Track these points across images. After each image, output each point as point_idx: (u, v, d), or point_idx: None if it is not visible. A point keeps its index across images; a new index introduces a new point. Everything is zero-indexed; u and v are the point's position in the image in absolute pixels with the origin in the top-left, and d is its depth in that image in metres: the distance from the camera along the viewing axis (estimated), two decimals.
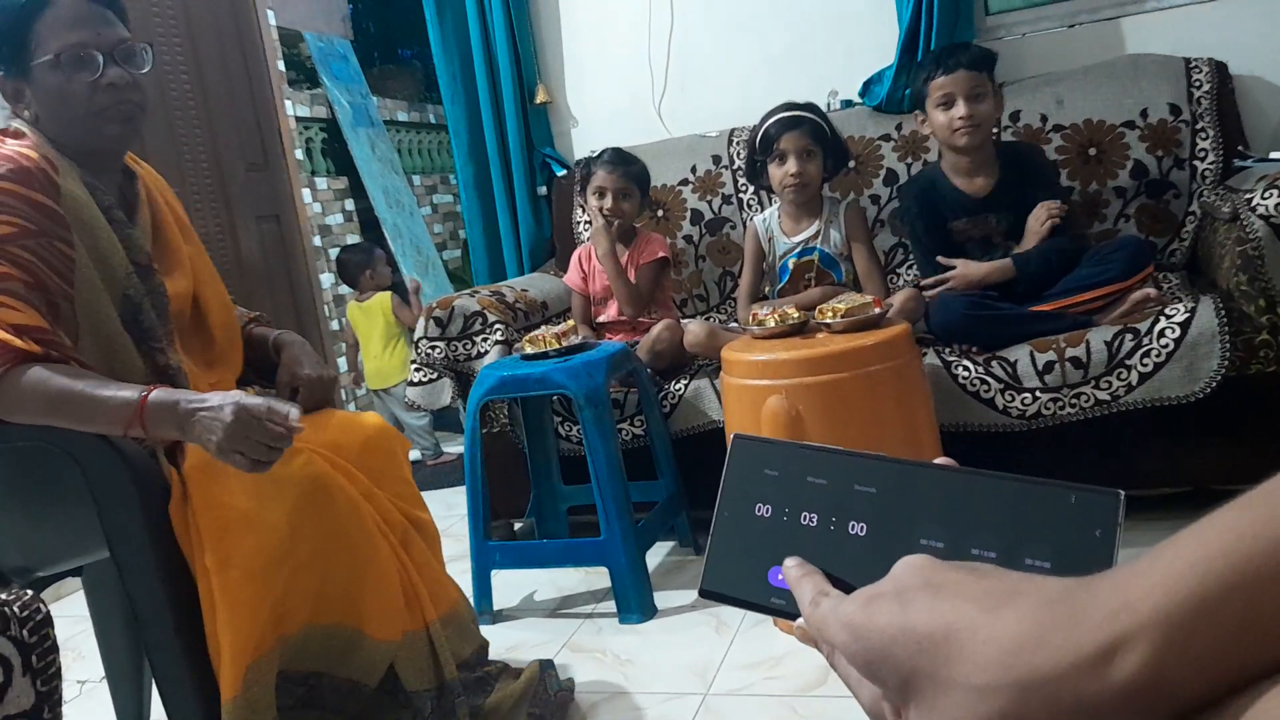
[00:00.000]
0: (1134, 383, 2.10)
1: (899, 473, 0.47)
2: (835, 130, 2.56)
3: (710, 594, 0.49)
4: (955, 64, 2.37)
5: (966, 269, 2.35)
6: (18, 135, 1.54)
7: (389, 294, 3.75)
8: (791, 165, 2.47)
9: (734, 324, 2.53)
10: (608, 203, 2.67)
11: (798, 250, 2.58)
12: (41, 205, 1.45)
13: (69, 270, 1.48)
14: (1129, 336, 2.11)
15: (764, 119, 2.55)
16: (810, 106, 2.55)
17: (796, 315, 2.09)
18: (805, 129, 2.48)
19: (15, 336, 1.38)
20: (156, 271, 1.62)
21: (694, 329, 2.44)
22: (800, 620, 0.45)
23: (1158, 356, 2.09)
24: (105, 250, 1.53)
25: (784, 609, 0.46)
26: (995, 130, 2.61)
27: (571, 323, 2.39)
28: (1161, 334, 2.09)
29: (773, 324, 2.08)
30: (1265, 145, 2.64)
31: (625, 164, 2.71)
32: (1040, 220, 2.32)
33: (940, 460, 0.48)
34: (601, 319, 2.77)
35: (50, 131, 1.56)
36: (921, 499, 0.46)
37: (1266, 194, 2.00)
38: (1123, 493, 0.42)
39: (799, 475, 0.49)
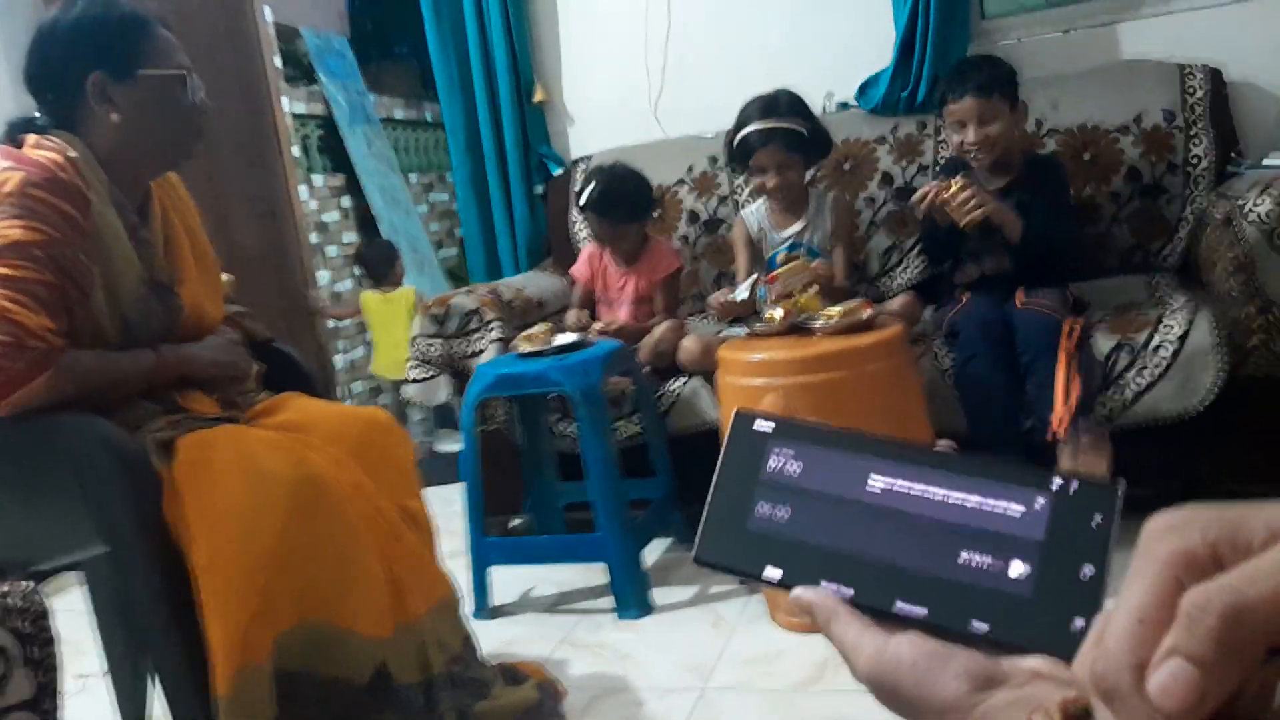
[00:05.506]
0: (1129, 400, 2.11)
1: (899, 452, 0.48)
2: (814, 123, 2.52)
3: (704, 563, 0.50)
4: (963, 91, 2.34)
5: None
6: (51, 144, 1.53)
7: (414, 289, 3.78)
8: (770, 180, 2.47)
9: (729, 331, 2.54)
10: (608, 249, 2.69)
11: (787, 244, 2.59)
12: (70, 217, 1.47)
13: (88, 284, 1.49)
14: (1125, 352, 2.12)
15: (739, 122, 2.52)
16: (785, 105, 2.49)
17: (783, 310, 2.10)
18: (779, 143, 2.44)
19: (47, 335, 1.42)
20: (176, 294, 1.65)
21: (689, 347, 2.43)
22: (796, 592, 0.46)
23: (1151, 375, 2.10)
24: (119, 273, 1.55)
25: (777, 580, 0.47)
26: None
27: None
28: (1157, 349, 2.10)
29: (775, 324, 2.10)
30: (1259, 151, 2.66)
31: (611, 209, 2.64)
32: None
33: (942, 443, 0.49)
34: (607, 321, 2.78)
35: (115, 139, 1.58)
36: (921, 477, 0.47)
37: (1259, 199, 2.02)
38: (1122, 483, 0.43)
39: (798, 450, 0.50)
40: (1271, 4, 2.71)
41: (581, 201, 2.66)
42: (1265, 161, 2.47)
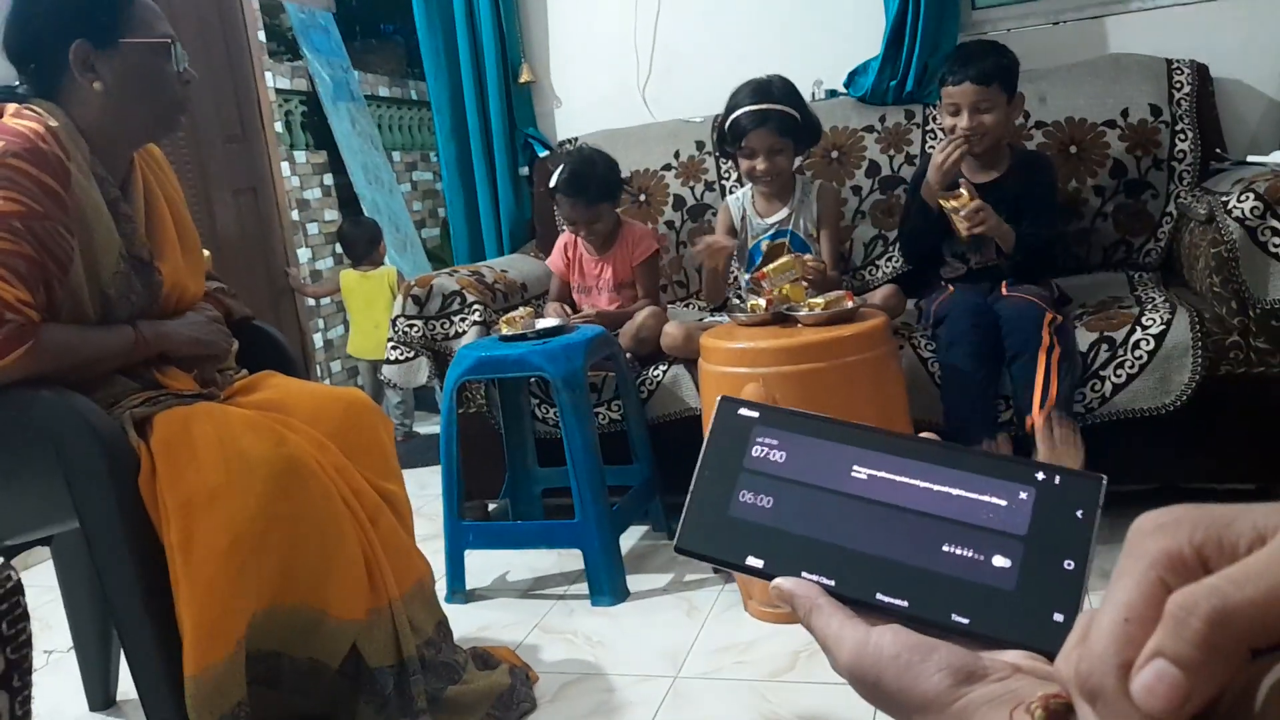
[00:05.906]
0: (1107, 394, 2.12)
1: (884, 443, 0.48)
2: (805, 109, 2.50)
3: (686, 551, 0.49)
4: (963, 76, 2.32)
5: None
6: (32, 113, 1.50)
7: (394, 269, 3.75)
8: (760, 163, 2.45)
9: (711, 318, 2.53)
10: (582, 233, 2.67)
11: (770, 233, 2.57)
12: (50, 189, 1.44)
13: (67, 258, 1.47)
14: (1104, 346, 2.12)
15: (731, 104, 2.49)
16: (778, 89, 2.47)
17: (766, 299, 2.10)
18: (772, 125, 2.42)
19: (25, 308, 1.40)
20: (157, 269, 1.62)
21: (671, 332, 2.41)
22: (776, 582, 0.46)
23: (1131, 368, 2.10)
24: (99, 248, 1.52)
25: (759, 570, 0.47)
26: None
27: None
28: (1136, 345, 2.11)
29: (758, 313, 2.09)
30: (1243, 148, 2.67)
31: (581, 189, 2.60)
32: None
33: (924, 435, 0.48)
34: (586, 308, 2.77)
35: (98, 109, 1.55)
36: (905, 468, 0.46)
37: (1242, 197, 2.02)
38: (1105, 477, 0.43)
39: (782, 438, 0.50)
40: (1257, 1, 2.71)
41: (551, 185, 2.64)
42: (1249, 158, 2.48)
